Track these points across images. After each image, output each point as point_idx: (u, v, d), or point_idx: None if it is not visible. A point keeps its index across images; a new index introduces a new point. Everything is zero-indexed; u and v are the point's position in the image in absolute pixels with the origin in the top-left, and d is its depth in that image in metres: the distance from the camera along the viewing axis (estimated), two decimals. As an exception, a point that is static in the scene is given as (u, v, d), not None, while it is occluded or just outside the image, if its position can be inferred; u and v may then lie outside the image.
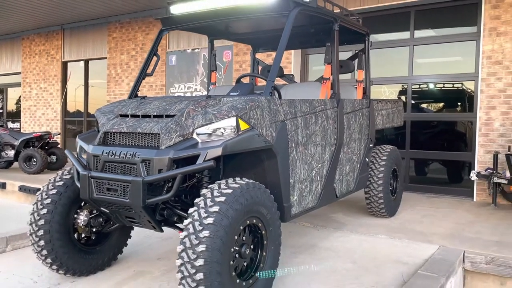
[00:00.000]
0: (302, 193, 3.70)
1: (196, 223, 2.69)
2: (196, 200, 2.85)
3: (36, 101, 13.64)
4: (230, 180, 2.99)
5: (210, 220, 2.66)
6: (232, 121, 3.03)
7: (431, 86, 7.66)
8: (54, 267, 3.47)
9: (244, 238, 2.93)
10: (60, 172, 3.60)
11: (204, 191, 2.91)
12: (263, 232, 3.08)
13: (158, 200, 2.98)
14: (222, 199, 2.77)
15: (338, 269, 3.79)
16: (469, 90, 7.19)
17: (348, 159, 4.54)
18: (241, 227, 2.87)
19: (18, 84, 14.30)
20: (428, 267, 3.73)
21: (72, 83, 12.89)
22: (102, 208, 3.31)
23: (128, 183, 2.97)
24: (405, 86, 7.74)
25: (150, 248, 4.42)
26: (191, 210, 2.80)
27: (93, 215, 3.63)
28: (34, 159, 9.57)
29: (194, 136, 3.05)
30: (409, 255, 4.15)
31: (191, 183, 3.27)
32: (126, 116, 3.39)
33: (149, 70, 4.26)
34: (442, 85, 7.58)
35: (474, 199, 6.81)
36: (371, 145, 5.14)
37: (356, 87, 5.08)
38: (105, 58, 11.85)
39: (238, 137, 3.02)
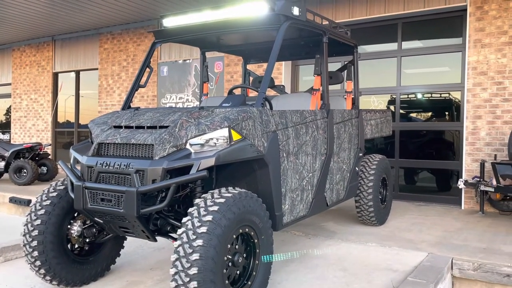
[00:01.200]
0: (294, 202, 3.77)
1: (190, 232, 2.74)
2: (190, 209, 2.90)
3: (27, 112, 13.59)
4: (223, 190, 3.05)
5: (203, 229, 2.71)
6: (224, 132, 3.10)
7: (419, 96, 7.82)
8: (48, 278, 3.48)
9: (236, 246, 2.98)
10: (53, 183, 3.63)
11: (197, 200, 2.97)
12: (256, 240, 3.14)
13: (152, 210, 3.03)
14: (215, 208, 2.83)
15: (329, 277, 3.85)
16: (456, 100, 7.35)
17: (338, 168, 4.62)
18: (234, 236, 2.93)
19: (8, 95, 14.25)
20: (417, 274, 3.80)
21: (63, 93, 12.88)
22: (96, 219, 3.34)
23: (122, 193, 3.02)
24: (394, 96, 7.90)
25: (143, 258, 4.44)
26: (185, 219, 2.85)
27: (86, 226, 3.66)
28: (25, 170, 9.53)
29: (188, 146, 3.11)
30: (398, 262, 4.22)
31: (184, 193, 3.32)
32: (120, 127, 3.45)
33: (142, 82, 4.32)
34: (429, 95, 7.75)
35: (462, 207, 6.93)
36: (360, 154, 5.23)
37: (345, 98, 5.19)
38: (97, 69, 11.88)
39: (231, 148, 3.09)
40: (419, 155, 7.79)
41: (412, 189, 7.89)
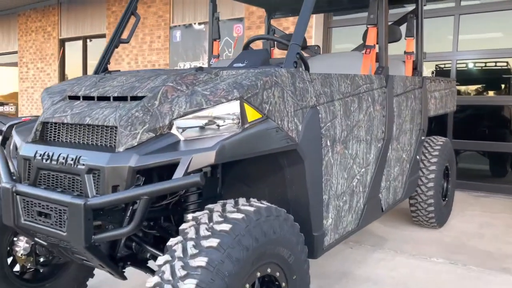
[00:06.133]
0: (340, 213, 2.53)
1: (178, 265, 1.57)
2: (183, 226, 1.73)
3: (33, 83, 12.62)
4: (242, 201, 1.86)
5: (201, 261, 1.53)
6: (233, 107, 1.87)
7: (477, 64, 6.35)
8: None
9: (251, 300, 1.79)
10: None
11: (189, 216, 1.79)
12: (283, 284, 1.93)
13: (110, 237, 1.84)
14: (227, 227, 1.63)
15: (389, 320, 2.64)
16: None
17: (397, 159, 3.34)
18: (248, 285, 1.73)
19: (15, 64, 13.29)
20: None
21: (72, 64, 11.82)
22: (36, 239, 2.18)
23: (64, 206, 1.84)
24: (447, 64, 6.44)
25: (130, 275, 3.30)
26: (171, 241, 1.68)
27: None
28: (22, 147, 8.56)
29: (174, 130, 1.90)
30: (484, 294, 2.98)
31: (171, 200, 2.13)
32: (77, 98, 2.25)
33: (124, 36, 3.10)
34: (494, 64, 6.26)
35: (537, 201, 5.56)
36: (422, 137, 3.92)
37: (404, 61, 3.85)
38: (104, 35, 10.71)
39: (244, 133, 1.86)
40: (477, 136, 6.38)
41: (468, 176, 6.50)
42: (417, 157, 3.81)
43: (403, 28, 3.92)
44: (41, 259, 2.62)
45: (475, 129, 6.47)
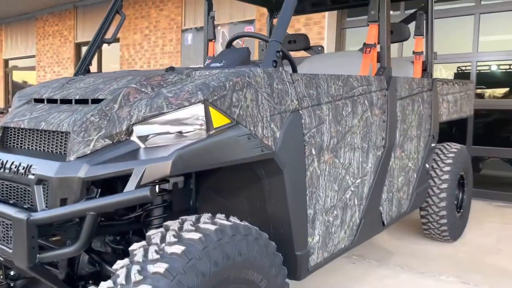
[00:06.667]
0: (329, 229, 2.28)
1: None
2: (132, 246, 1.52)
3: (50, 86, 12.72)
4: (205, 217, 1.65)
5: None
6: (197, 111, 1.66)
7: (500, 66, 5.96)
8: None
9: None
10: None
11: (150, 232, 1.59)
12: (253, 313, 1.70)
13: (55, 257, 1.65)
14: (178, 249, 1.42)
15: None
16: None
17: (401, 168, 3.06)
18: (205, 315, 1.51)
19: (33, 68, 13.44)
20: None
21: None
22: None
23: (9, 220, 1.66)
24: (467, 66, 6.08)
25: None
26: (117, 264, 1.48)
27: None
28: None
29: (134, 137, 1.70)
30: (497, 319, 2.67)
31: (140, 213, 1.94)
32: (42, 100, 2.09)
33: (108, 36, 2.93)
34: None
35: None
36: (433, 144, 3.62)
37: (412, 62, 3.57)
38: (118, 39, 10.68)
39: (208, 141, 1.64)
40: (500, 142, 5.98)
41: (487, 184, 6.11)
42: (427, 165, 3.52)
43: (412, 26, 3.65)
44: (11, 273, 2.45)
45: (497, 134, 6.09)
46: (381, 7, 2.76)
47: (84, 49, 11.98)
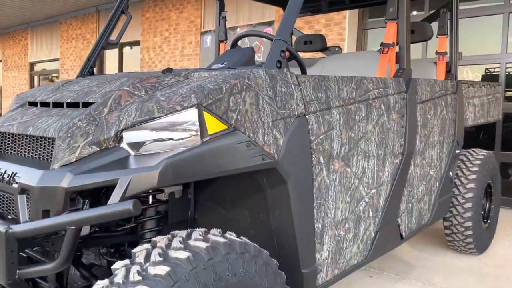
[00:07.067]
0: (340, 244, 2.10)
1: None
2: (115, 265, 1.39)
3: (72, 89, 12.87)
4: (197, 233, 1.50)
5: None
6: (190, 116, 1.52)
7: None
8: None
9: None
10: None
11: (136, 249, 1.45)
12: None
13: (36, 273, 1.53)
14: (163, 271, 1.28)
15: None
16: None
17: (422, 176, 2.85)
18: None
19: (57, 71, 13.64)
20: None
21: (111, 71, 11.93)
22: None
23: (-10, 233, 1.55)
24: (495, 68, 5.77)
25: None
26: (97, 285, 1.35)
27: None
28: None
29: (123, 144, 1.56)
30: None
31: (134, 225, 1.81)
32: (35, 104, 1.99)
33: (113, 37, 2.83)
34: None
35: None
36: (457, 151, 3.39)
37: (435, 63, 3.35)
38: (139, 41, 10.71)
39: (201, 149, 1.50)
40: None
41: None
42: (450, 173, 3.29)
43: (435, 26, 3.43)
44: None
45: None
46: (400, 4, 2.57)
47: (106, 53, 12.08)
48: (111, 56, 11.88)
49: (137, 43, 10.84)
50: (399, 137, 2.48)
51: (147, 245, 1.43)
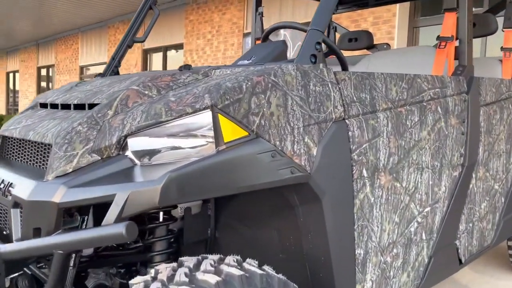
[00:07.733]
0: (386, 273, 1.77)
1: None
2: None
3: (119, 92, 13.12)
4: (208, 263, 1.26)
5: None
6: (202, 119, 1.27)
7: None
8: None
9: None
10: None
11: (134, 281, 1.22)
12: None
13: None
14: None
15: None
16: None
17: (485, 191, 2.45)
18: None
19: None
20: None
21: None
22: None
23: (-21, 252, 1.37)
24: None
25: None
26: None
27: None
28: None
29: (128, 152, 1.34)
30: None
31: (140, 245, 1.58)
32: (46, 105, 1.82)
33: (140, 34, 2.65)
34: None
35: None
36: (526, 161, 2.94)
37: (500, 60, 2.93)
38: (182, 44, 10.70)
39: (215, 159, 1.24)
40: None
41: None
42: (518, 187, 2.84)
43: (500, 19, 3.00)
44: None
45: None
46: (461, -8, 2.20)
47: (152, 56, 12.19)
48: (156, 60, 11.98)
49: (180, 46, 10.83)
50: (459, 145, 2.11)
51: (147, 277, 1.18)
